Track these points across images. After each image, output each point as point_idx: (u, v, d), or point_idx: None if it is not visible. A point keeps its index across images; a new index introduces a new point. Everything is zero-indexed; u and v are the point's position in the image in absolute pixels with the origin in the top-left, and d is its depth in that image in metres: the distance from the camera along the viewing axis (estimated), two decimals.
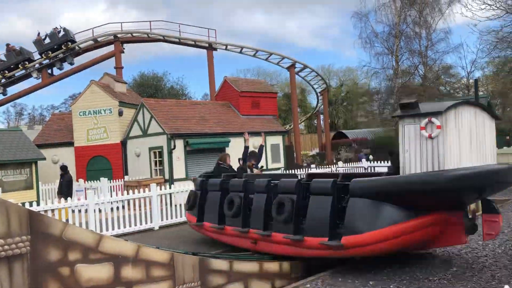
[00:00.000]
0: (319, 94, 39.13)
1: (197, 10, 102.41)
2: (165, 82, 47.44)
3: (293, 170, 19.96)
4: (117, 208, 12.81)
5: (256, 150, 12.01)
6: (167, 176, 18.65)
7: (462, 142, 6.76)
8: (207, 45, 30.69)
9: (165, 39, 31.09)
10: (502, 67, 28.20)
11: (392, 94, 38.09)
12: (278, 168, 22.20)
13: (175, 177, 18.55)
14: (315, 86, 38.18)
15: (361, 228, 6.68)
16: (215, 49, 31.08)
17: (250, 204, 8.58)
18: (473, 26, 30.88)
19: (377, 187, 6.87)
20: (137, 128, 20.43)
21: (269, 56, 32.15)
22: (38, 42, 30.05)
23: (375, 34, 38.61)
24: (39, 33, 30.45)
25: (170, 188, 13.95)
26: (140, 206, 12.74)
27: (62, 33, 30.17)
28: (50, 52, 29.90)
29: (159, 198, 13.24)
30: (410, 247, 7.27)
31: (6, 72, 29.96)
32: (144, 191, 12.91)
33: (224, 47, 31.23)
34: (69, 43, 30.01)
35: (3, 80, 30.21)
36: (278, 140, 23.21)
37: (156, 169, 19.47)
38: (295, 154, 32.79)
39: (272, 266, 7.49)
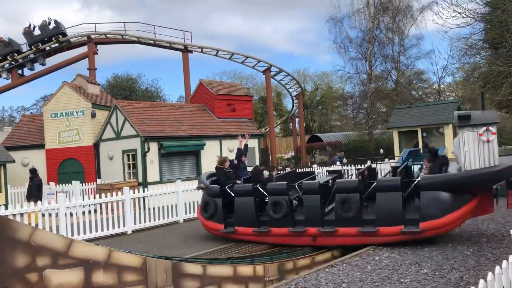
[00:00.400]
0: (294, 98, 39.40)
1: (173, 11, 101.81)
2: (140, 84, 46.97)
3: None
4: (89, 212, 12.59)
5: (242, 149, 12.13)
6: (140, 180, 18.42)
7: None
8: (182, 47, 30.51)
9: (139, 41, 30.76)
10: (472, 73, 28.97)
11: (365, 99, 38.69)
12: None
13: (149, 180, 18.34)
14: (291, 90, 38.43)
15: (437, 214, 8.47)
16: (191, 51, 30.94)
17: (298, 205, 9.69)
18: (444, 33, 31.70)
19: (447, 181, 8.73)
20: (110, 131, 20.14)
21: (245, 60, 32.19)
22: (28, 33, 29.37)
23: (349, 39, 39.22)
24: (29, 25, 29.77)
25: (143, 191, 13.79)
26: (112, 210, 12.54)
27: (53, 25, 29.57)
28: (40, 44, 29.29)
29: (132, 201, 13.07)
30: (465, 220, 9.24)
31: None
32: (117, 195, 12.72)
33: (199, 49, 31.12)
34: (60, 36, 29.44)
35: None
36: (253, 143, 23.23)
37: (129, 172, 19.22)
38: (270, 157, 32.89)
39: (246, 270, 7.48)
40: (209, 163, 20.79)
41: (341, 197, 8.97)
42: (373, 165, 19.20)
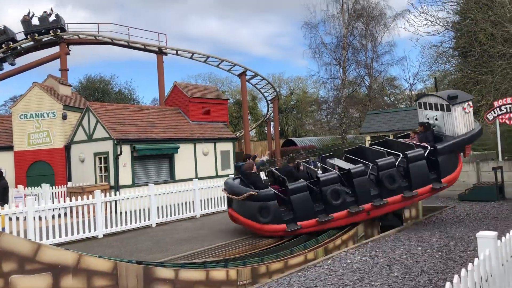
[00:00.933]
0: (269, 102, 39.56)
1: (149, 13, 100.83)
2: (113, 86, 46.36)
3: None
4: (59, 215, 12.33)
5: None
6: (112, 183, 18.14)
7: None
8: (157, 49, 30.26)
9: (113, 42, 30.35)
10: (442, 80, 29.67)
11: (339, 104, 39.16)
12: (228, 175, 22.16)
13: (121, 183, 18.08)
14: (266, 94, 38.58)
15: (451, 170, 11.14)
16: (165, 53, 30.72)
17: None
18: (415, 41, 32.45)
19: (453, 145, 11.15)
20: (82, 133, 19.78)
21: (220, 63, 32.16)
22: (26, 22, 28.65)
23: (324, 45, 39.64)
24: (28, 13, 29.05)
25: (115, 195, 13.58)
26: (83, 214, 12.31)
27: (53, 18, 28.93)
28: (36, 35, 28.57)
29: (103, 205, 12.85)
30: None
31: None
32: (88, 198, 12.49)
33: (174, 52, 30.93)
34: (59, 30, 28.84)
35: None
36: (228, 146, 23.20)
37: (101, 175, 18.90)
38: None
39: (218, 274, 7.45)
40: (183, 167, 20.66)
41: (386, 174, 10.68)
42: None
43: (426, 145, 11.22)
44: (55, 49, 30.18)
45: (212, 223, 13.86)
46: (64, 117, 20.06)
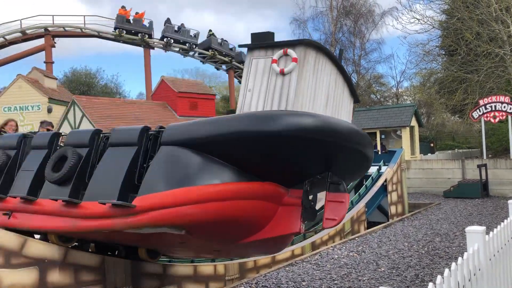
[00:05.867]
0: None
1: (143, 6, 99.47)
2: (99, 80, 45.89)
3: None
4: None
5: None
6: None
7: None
8: (144, 43, 29.99)
9: (100, 35, 30.00)
10: (428, 78, 29.98)
11: None
12: None
13: None
14: None
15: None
16: (152, 47, 30.46)
17: None
18: (403, 39, 32.67)
19: None
20: (67, 127, 19.53)
21: (209, 57, 31.99)
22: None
23: None
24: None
25: None
26: None
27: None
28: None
29: None
30: None
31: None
32: None
33: (162, 46, 30.68)
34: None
35: None
36: None
37: None
38: None
39: (206, 269, 7.43)
40: None
41: None
42: None
43: None
44: (40, 41, 29.71)
45: None
46: (49, 111, 19.81)
